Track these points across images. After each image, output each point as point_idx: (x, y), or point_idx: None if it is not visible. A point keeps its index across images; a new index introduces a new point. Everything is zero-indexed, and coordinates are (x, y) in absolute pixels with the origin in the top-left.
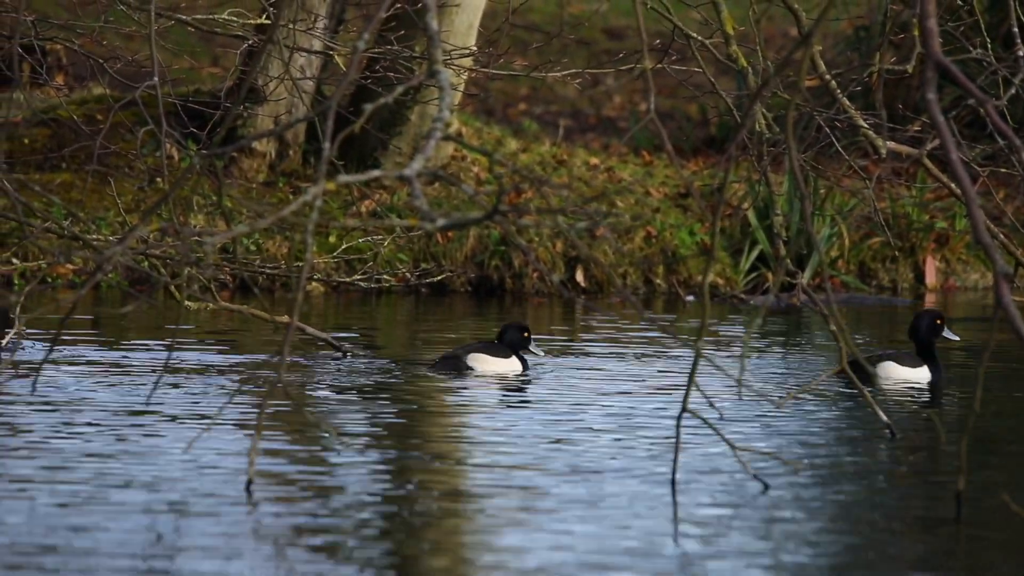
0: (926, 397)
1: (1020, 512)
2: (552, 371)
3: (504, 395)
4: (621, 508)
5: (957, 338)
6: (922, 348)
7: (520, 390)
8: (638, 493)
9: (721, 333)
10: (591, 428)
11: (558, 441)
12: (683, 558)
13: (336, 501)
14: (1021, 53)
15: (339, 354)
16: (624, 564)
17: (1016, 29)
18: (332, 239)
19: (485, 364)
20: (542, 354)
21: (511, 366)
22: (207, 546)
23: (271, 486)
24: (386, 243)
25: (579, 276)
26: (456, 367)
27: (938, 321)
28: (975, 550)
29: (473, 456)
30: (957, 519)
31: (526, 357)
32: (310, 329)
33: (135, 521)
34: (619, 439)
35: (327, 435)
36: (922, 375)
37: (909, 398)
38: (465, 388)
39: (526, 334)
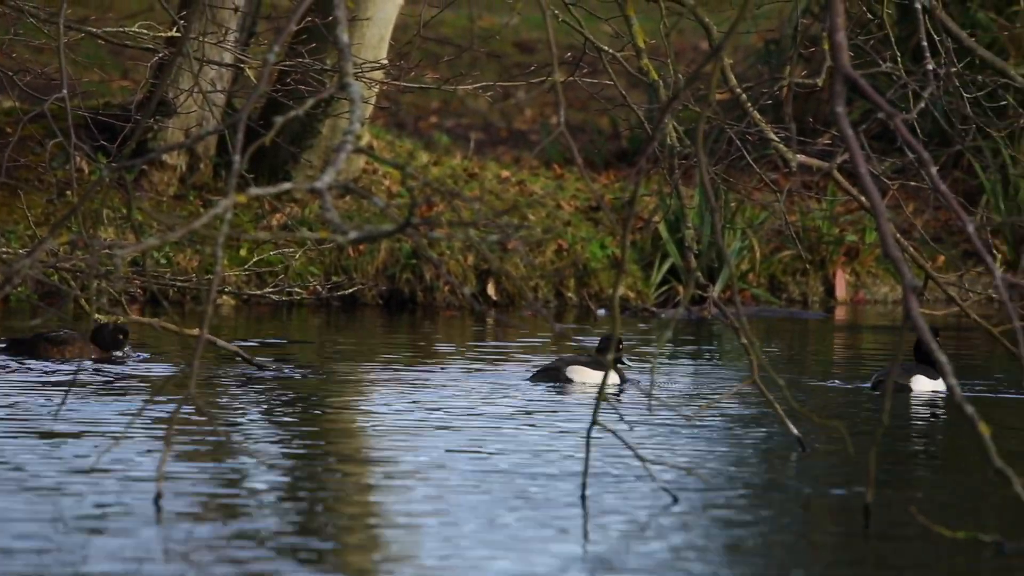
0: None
1: (928, 525)
2: (462, 382)
3: (416, 405)
4: (531, 521)
5: (630, 364)
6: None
7: (434, 399)
8: (549, 506)
9: (632, 346)
10: (501, 439)
11: (467, 452)
12: (592, 571)
13: (245, 513)
14: (930, 67)
15: (250, 367)
16: None
17: (925, 43)
18: (243, 252)
19: (584, 376)
20: (630, 365)
21: (609, 377)
22: (115, 559)
23: (180, 499)
24: (297, 256)
25: (490, 289)
26: (555, 378)
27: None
28: (883, 563)
29: (384, 466)
30: (865, 531)
31: (622, 370)
32: (220, 342)
33: (43, 534)
34: (529, 452)
35: (236, 448)
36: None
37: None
38: (373, 399)
39: (620, 346)
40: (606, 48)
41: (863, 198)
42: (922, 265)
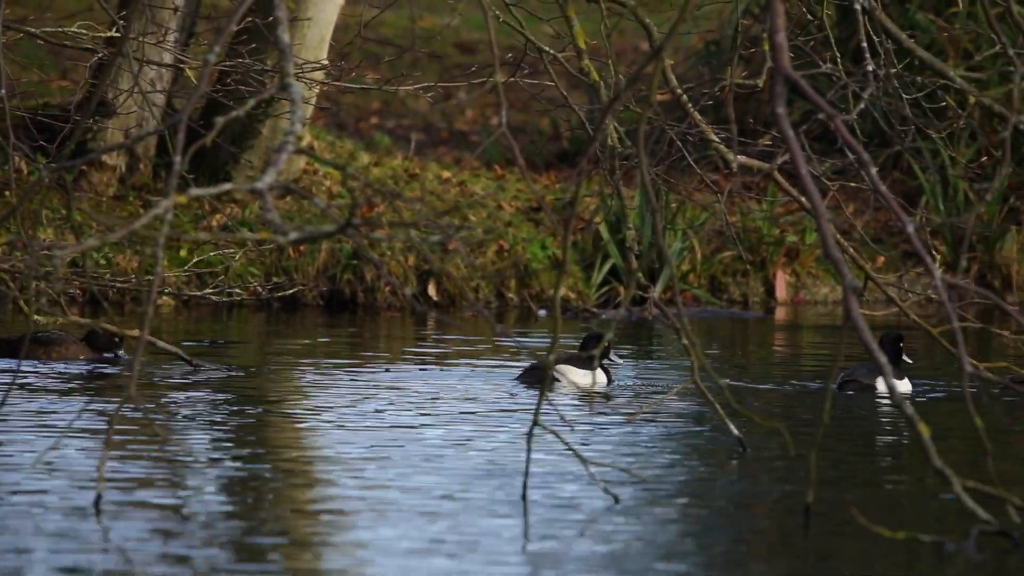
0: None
1: (867, 526)
2: (404, 382)
3: (356, 404)
4: (471, 520)
5: (621, 361)
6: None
7: (374, 399)
8: (489, 506)
9: (573, 347)
10: (443, 437)
11: (407, 451)
12: (532, 571)
13: (185, 512)
14: (870, 68)
15: (190, 367)
16: None
17: (865, 44)
18: (183, 253)
19: (570, 375)
20: (620, 362)
21: (595, 378)
22: (56, 557)
23: (120, 498)
24: (237, 257)
25: (431, 290)
26: (542, 377)
27: (900, 345)
28: (823, 563)
29: (321, 467)
30: (805, 532)
31: (608, 367)
32: (161, 343)
33: None
34: (470, 453)
35: (175, 447)
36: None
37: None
38: (312, 399)
39: (607, 344)
40: (547, 49)
41: (803, 199)
42: (862, 266)
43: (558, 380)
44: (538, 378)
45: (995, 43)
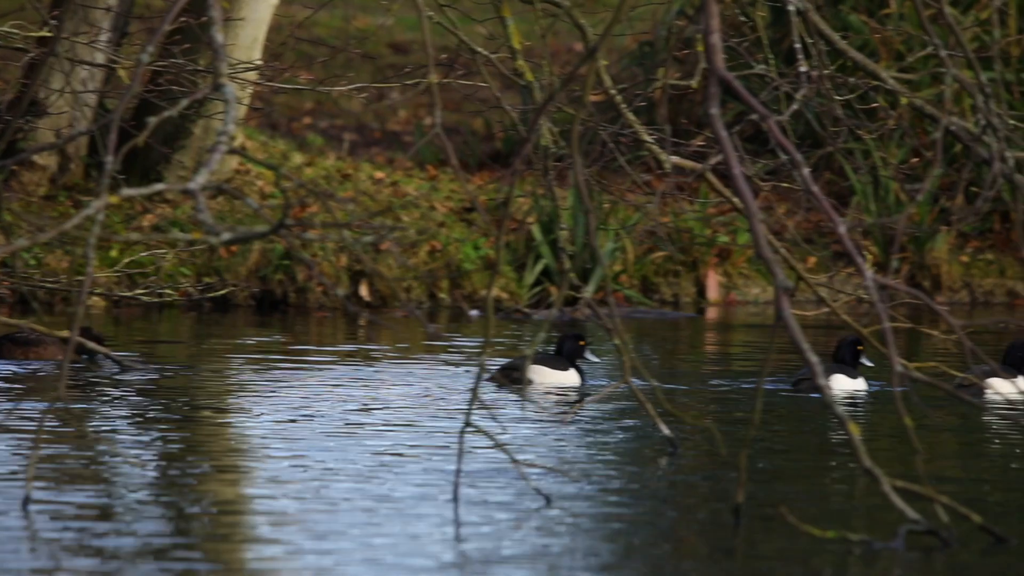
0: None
1: (797, 524)
2: (335, 382)
3: (287, 404)
4: (403, 520)
5: (598, 360)
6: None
7: (305, 399)
8: (420, 506)
9: (505, 347)
10: (375, 437)
11: (339, 451)
12: (463, 571)
13: (114, 514)
14: (803, 69)
15: (118, 368)
16: None
17: (798, 45)
18: (114, 253)
19: (544, 376)
20: (597, 360)
21: (569, 378)
22: None
23: (49, 501)
24: (168, 257)
25: (363, 290)
26: (516, 378)
27: (859, 347)
28: (752, 563)
29: (252, 467)
30: (735, 531)
31: (583, 367)
32: (90, 344)
33: None
34: (402, 452)
35: (103, 448)
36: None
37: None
38: (242, 399)
39: (582, 343)
40: (481, 50)
41: (736, 199)
42: (793, 266)
43: (531, 380)
44: (511, 378)
45: (927, 45)
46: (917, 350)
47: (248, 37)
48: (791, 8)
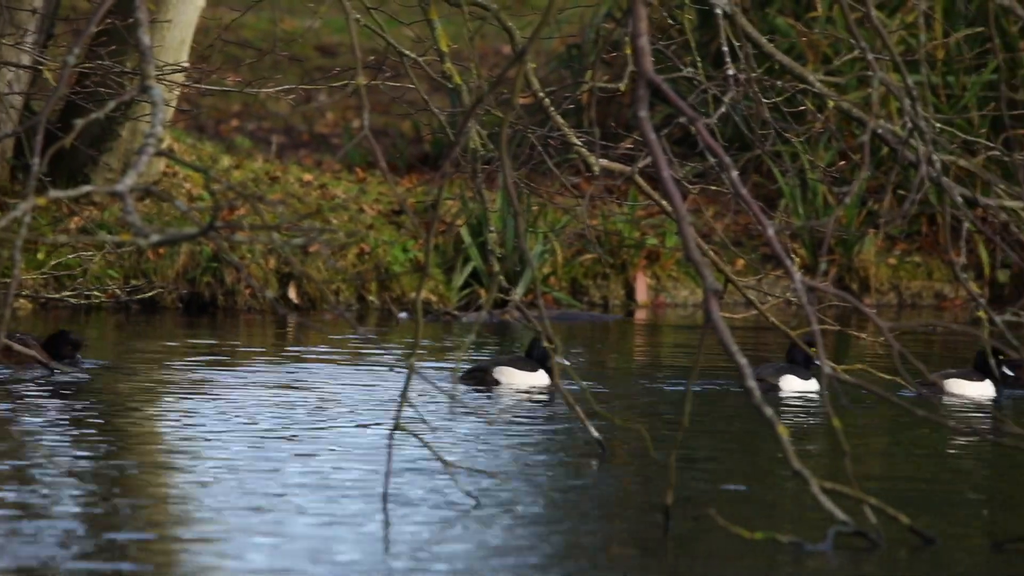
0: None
1: (726, 526)
2: (264, 384)
3: (215, 406)
4: (331, 523)
5: (568, 363)
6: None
7: (233, 401)
8: (349, 507)
9: (434, 349)
10: (303, 439)
11: (268, 452)
12: (391, 572)
13: (41, 514)
14: (731, 72)
15: (46, 371)
16: None
17: (726, 48)
18: (41, 255)
19: (511, 377)
20: (568, 363)
21: (538, 379)
22: None
23: None
24: (96, 259)
25: (292, 292)
26: (482, 380)
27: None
28: (681, 563)
29: (180, 469)
30: (665, 533)
31: (555, 368)
32: (16, 346)
33: None
34: (331, 454)
35: (30, 450)
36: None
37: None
38: (169, 400)
39: (553, 345)
40: (408, 52)
41: (665, 202)
42: (722, 269)
43: (497, 381)
44: (477, 379)
45: (854, 47)
46: (846, 352)
47: (175, 39)
48: (718, 11)
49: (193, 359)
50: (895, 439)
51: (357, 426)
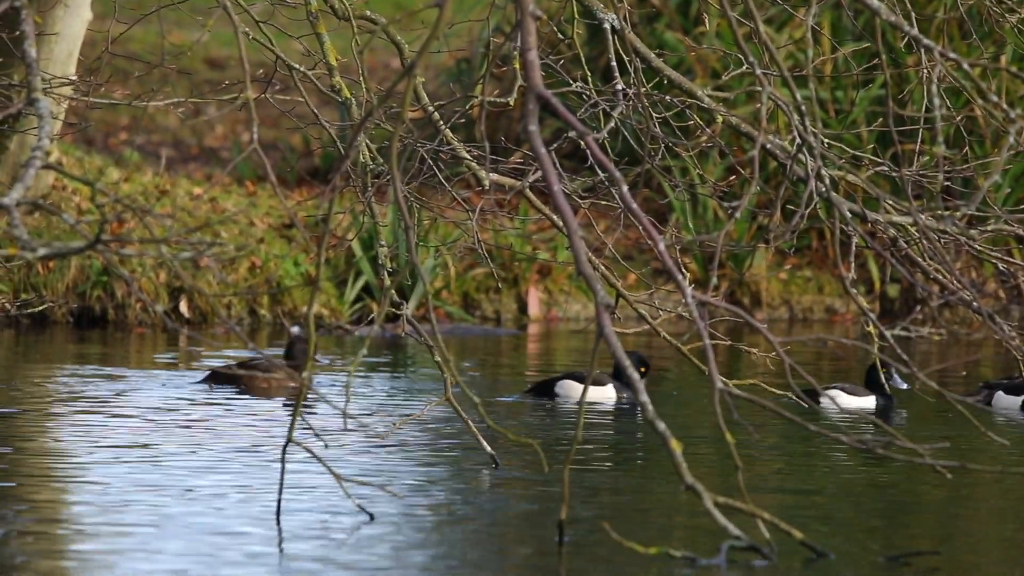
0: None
1: (620, 541)
2: (155, 398)
3: (105, 422)
4: (225, 539)
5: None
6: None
7: (125, 415)
8: (243, 523)
9: (326, 364)
10: (194, 456)
11: (160, 468)
12: None
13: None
14: (620, 87)
15: None
16: None
17: (615, 63)
18: None
19: (572, 391)
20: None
21: (603, 394)
22: None
23: None
24: None
25: (183, 306)
26: (546, 394)
27: (643, 369)
28: None
29: (71, 483)
30: (559, 547)
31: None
32: None
33: None
34: (223, 469)
35: None
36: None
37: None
38: (58, 415)
39: (643, 369)
40: (297, 66)
41: (555, 216)
42: (613, 283)
43: (558, 396)
44: (543, 395)
45: (742, 63)
46: (738, 367)
47: (63, 52)
48: (607, 26)
49: (82, 373)
50: (789, 454)
51: (249, 441)
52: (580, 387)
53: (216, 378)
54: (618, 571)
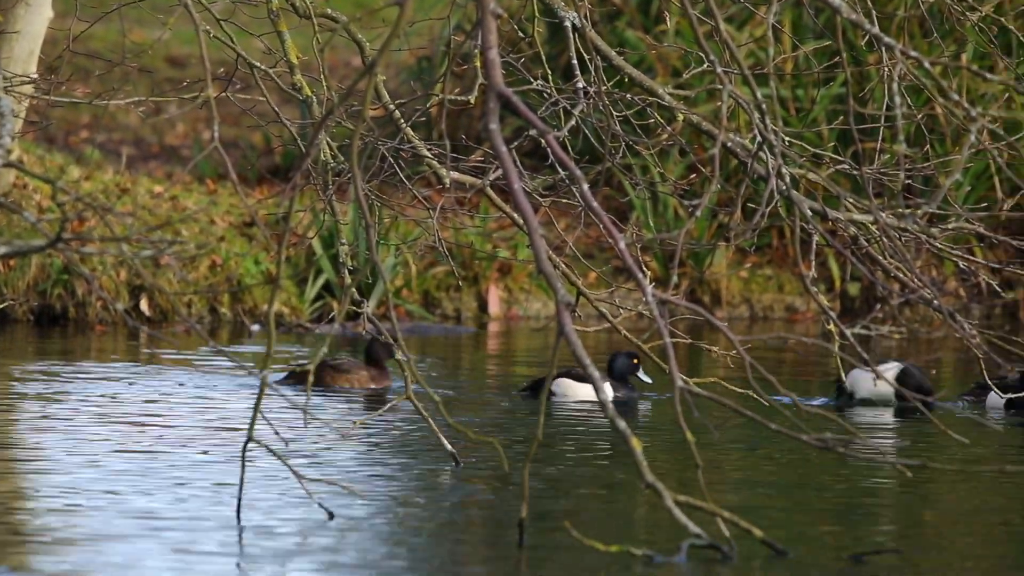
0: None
1: (580, 539)
2: (117, 396)
3: (65, 418)
4: (185, 537)
5: (651, 380)
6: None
7: (84, 413)
8: (203, 522)
9: (287, 362)
10: (154, 454)
11: (119, 466)
12: None
13: None
14: (580, 85)
15: None
16: None
17: (575, 61)
18: None
19: (568, 389)
20: (650, 380)
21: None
22: None
23: None
24: None
25: (144, 305)
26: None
27: (635, 360)
28: None
29: (27, 479)
30: (519, 545)
31: (635, 383)
32: None
33: None
34: (184, 467)
35: None
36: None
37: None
38: (18, 414)
39: (635, 360)
40: (259, 64)
41: (516, 215)
42: (574, 281)
43: (554, 394)
44: (538, 390)
45: (703, 61)
46: (698, 365)
47: (24, 50)
48: (568, 24)
49: (44, 371)
50: (750, 452)
51: (210, 439)
52: (577, 385)
53: (296, 378)
54: (579, 570)
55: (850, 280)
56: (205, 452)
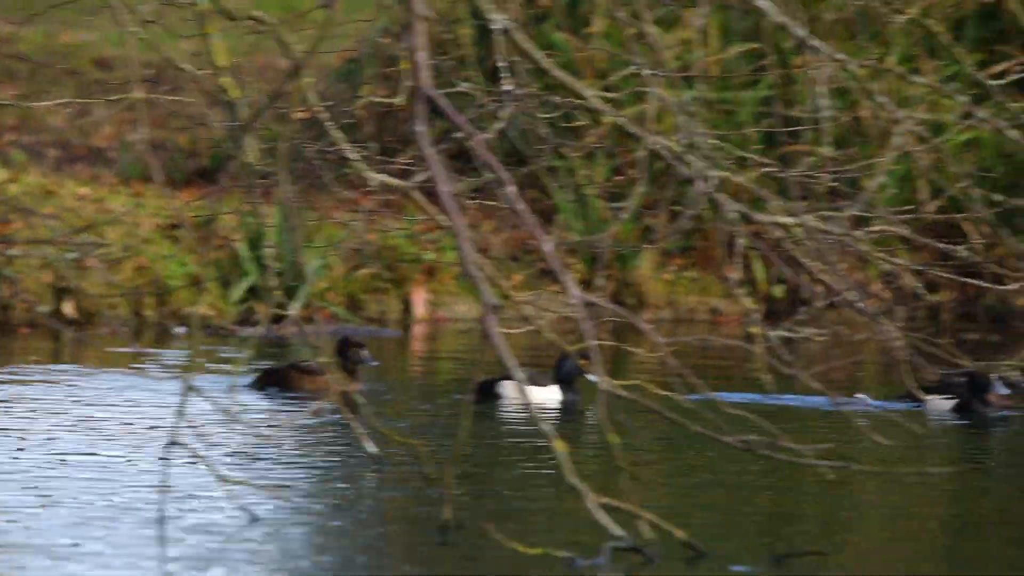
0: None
1: (504, 541)
2: (38, 399)
3: None
4: (109, 542)
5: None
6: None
7: (4, 417)
8: (127, 525)
9: (211, 364)
10: (77, 457)
11: (41, 469)
12: None
13: None
14: (507, 87)
15: None
16: None
17: (502, 64)
18: None
19: (514, 391)
20: (598, 380)
21: (546, 394)
22: None
23: None
24: None
25: (68, 307)
26: (489, 395)
27: (582, 362)
28: None
29: None
30: (443, 548)
31: (586, 383)
32: None
33: None
34: (106, 471)
35: None
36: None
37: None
38: None
39: (583, 363)
40: (186, 66)
41: (442, 217)
42: (499, 284)
43: (500, 396)
44: (486, 395)
45: (629, 63)
46: (623, 367)
47: None
48: (495, 27)
49: None
50: (677, 454)
51: (133, 442)
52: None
53: (267, 379)
54: (502, 572)
55: (775, 282)
56: (128, 454)
